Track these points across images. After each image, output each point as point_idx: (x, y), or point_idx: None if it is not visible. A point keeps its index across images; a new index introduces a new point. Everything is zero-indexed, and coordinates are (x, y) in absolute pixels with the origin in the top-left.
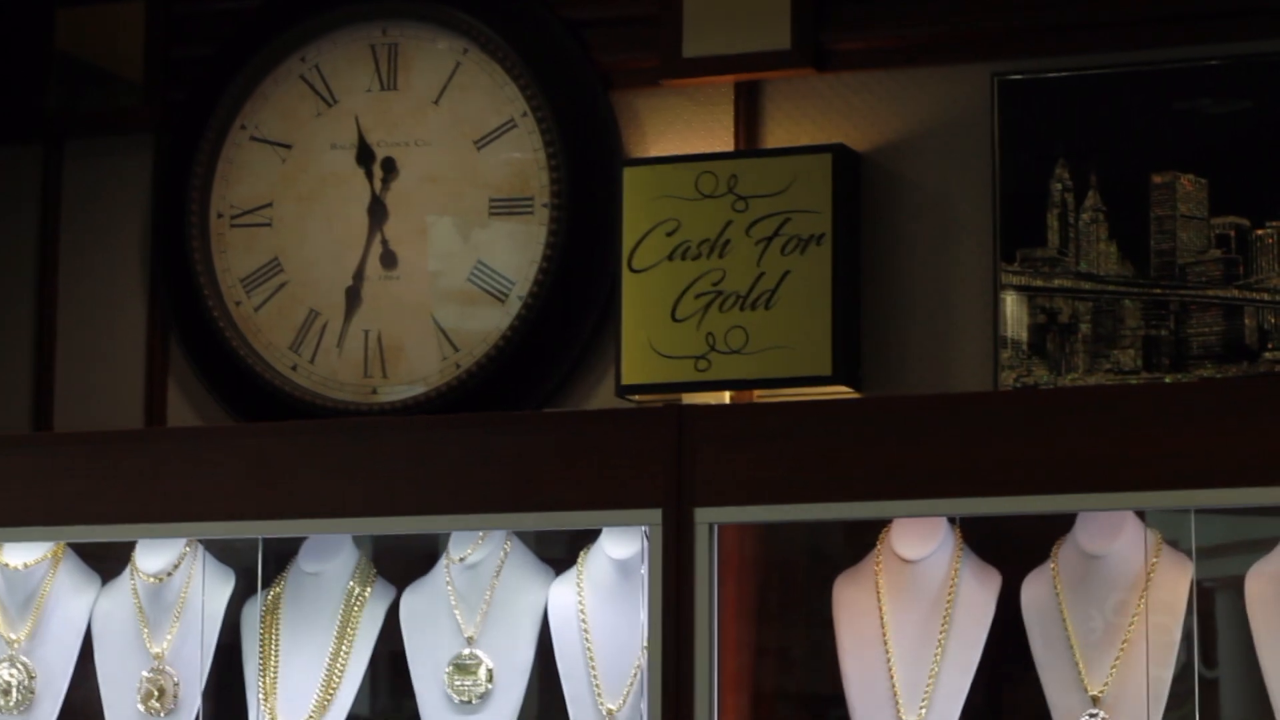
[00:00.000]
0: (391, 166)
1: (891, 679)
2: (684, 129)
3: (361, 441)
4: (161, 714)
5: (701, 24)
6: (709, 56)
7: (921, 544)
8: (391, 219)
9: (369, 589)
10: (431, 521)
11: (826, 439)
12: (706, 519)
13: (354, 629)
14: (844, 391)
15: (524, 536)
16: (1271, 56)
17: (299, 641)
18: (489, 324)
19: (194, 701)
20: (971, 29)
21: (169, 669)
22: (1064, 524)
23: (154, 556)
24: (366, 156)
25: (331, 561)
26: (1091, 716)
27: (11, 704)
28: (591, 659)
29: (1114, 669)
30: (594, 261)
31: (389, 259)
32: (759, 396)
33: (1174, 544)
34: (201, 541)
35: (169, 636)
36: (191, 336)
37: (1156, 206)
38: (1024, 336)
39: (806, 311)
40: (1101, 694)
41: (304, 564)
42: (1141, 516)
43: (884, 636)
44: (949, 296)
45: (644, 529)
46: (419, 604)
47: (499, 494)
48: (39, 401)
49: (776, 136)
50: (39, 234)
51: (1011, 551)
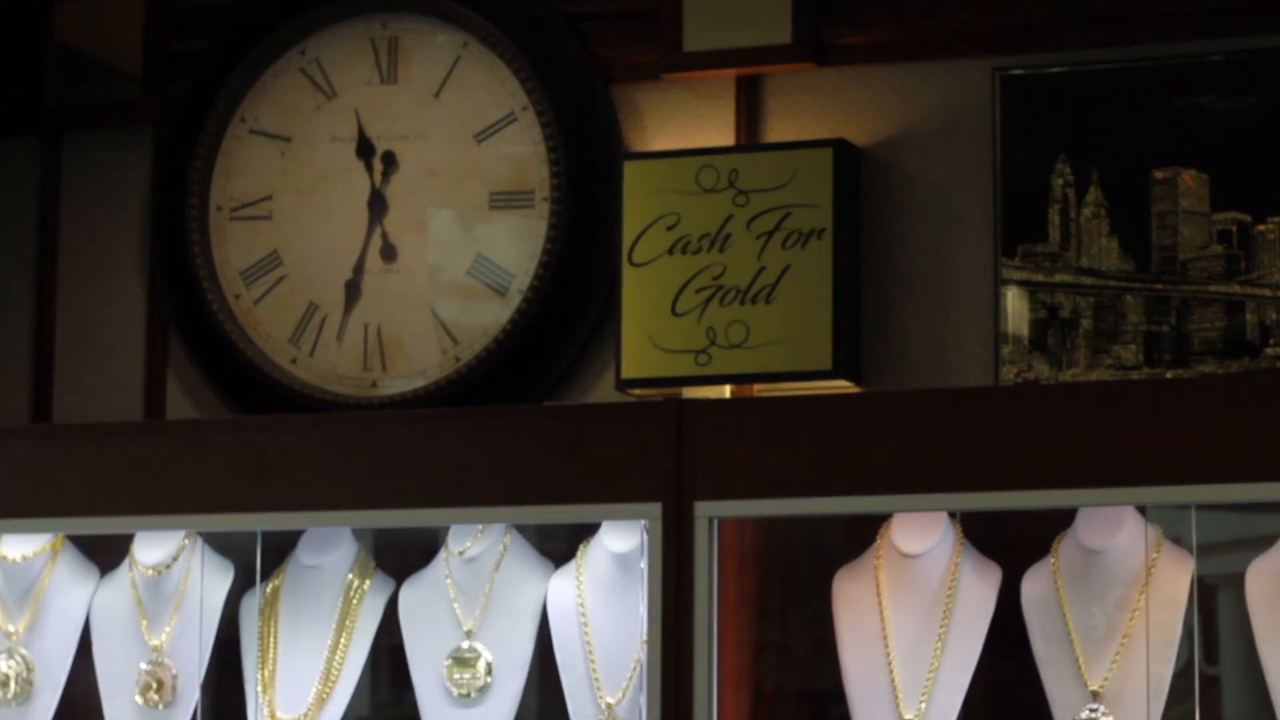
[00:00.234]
0: (391, 160)
1: (891, 674)
2: (684, 123)
3: (361, 435)
4: (160, 706)
5: (702, 18)
6: (710, 50)
7: (922, 539)
8: (391, 212)
9: (368, 582)
10: (431, 515)
11: (827, 433)
12: (706, 513)
13: (353, 622)
14: (844, 386)
15: (524, 530)
16: (1273, 52)
17: (298, 634)
18: (489, 318)
19: (192, 694)
20: (973, 24)
21: (167, 661)
22: (1064, 519)
23: (153, 549)
24: (366, 150)
25: (330, 554)
26: (1092, 712)
27: (10, 696)
28: (591, 653)
29: (1114, 664)
30: (594, 255)
31: (389, 252)
32: (759, 391)
33: (1175, 540)
34: (200, 534)
35: (168, 629)
36: (191, 329)
37: (1158, 202)
38: (1025, 331)
39: (807, 306)
40: (1102, 689)
41: (303, 557)
42: (1142, 512)
43: (884, 631)
44: (950, 291)
45: (644, 523)
46: (418, 597)
47: (498, 487)
48: (38, 393)
49: (777, 131)
50: (38, 227)
51: (1012, 546)
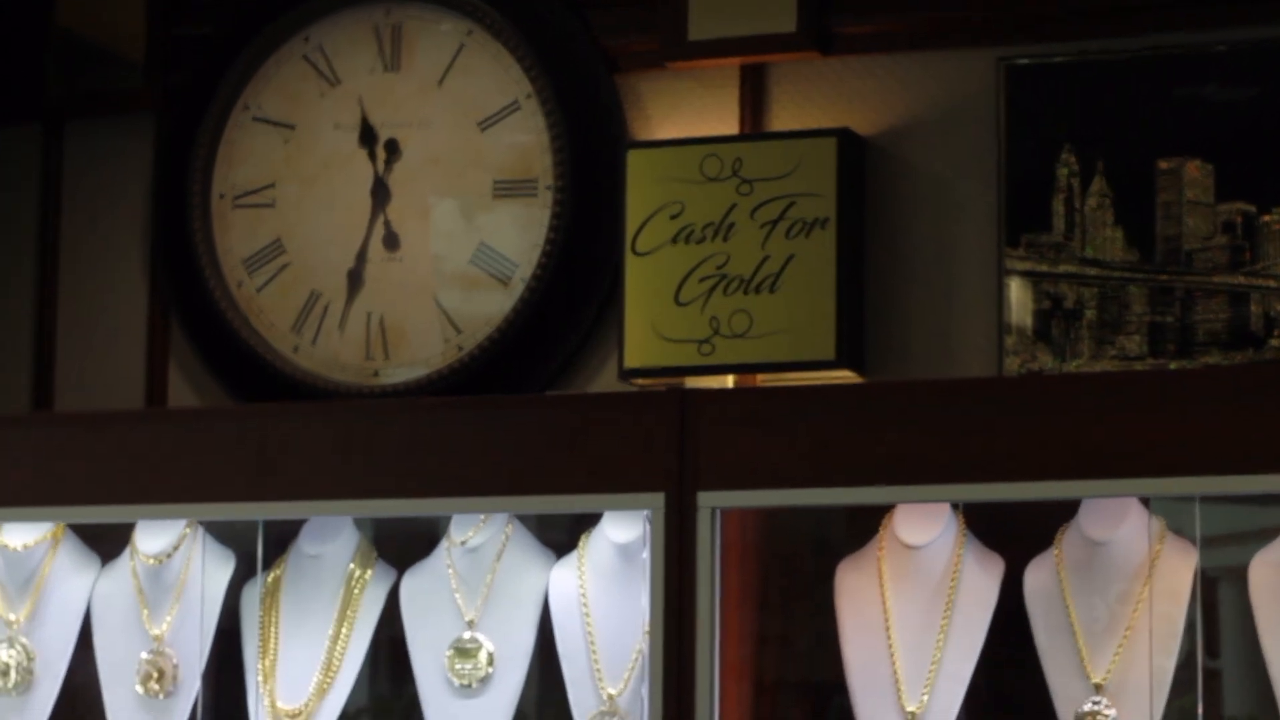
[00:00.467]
0: (394, 148)
1: (894, 665)
2: (688, 112)
3: (363, 424)
4: (160, 695)
5: (707, 6)
6: (714, 39)
7: (924, 530)
8: (394, 200)
9: (369, 571)
10: (433, 504)
11: (830, 424)
12: (709, 503)
13: (354, 612)
14: (848, 376)
15: (525, 520)
16: (1277, 43)
17: (299, 624)
18: (492, 307)
19: (193, 683)
20: (977, 14)
21: (168, 650)
22: (1068, 510)
23: (154, 538)
24: (369, 138)
25: (332, 544)
26: (1094, 704)
27: (10, 685)
28: (592, 643)
29: (1117, 656)
30: (597, 244)
31: (391, 241)
32: (762, 381)
33: (1178, 531)
34: (202, 523)
35: (168, 618)
36: (193, 317)
37: (1163, 192)
38: (1029, 322)
39: (811, 295)
40: (1104, 681)
41: (304, 546)
42: (1146, 504)
43: (886, 623)
44: (954, 281)
45: (646, 513)
46: (420, 587)
47: (501, 477)
48: (39, 382)
49: (781, 120)
50: (39, 215)
51: (1015, 538)
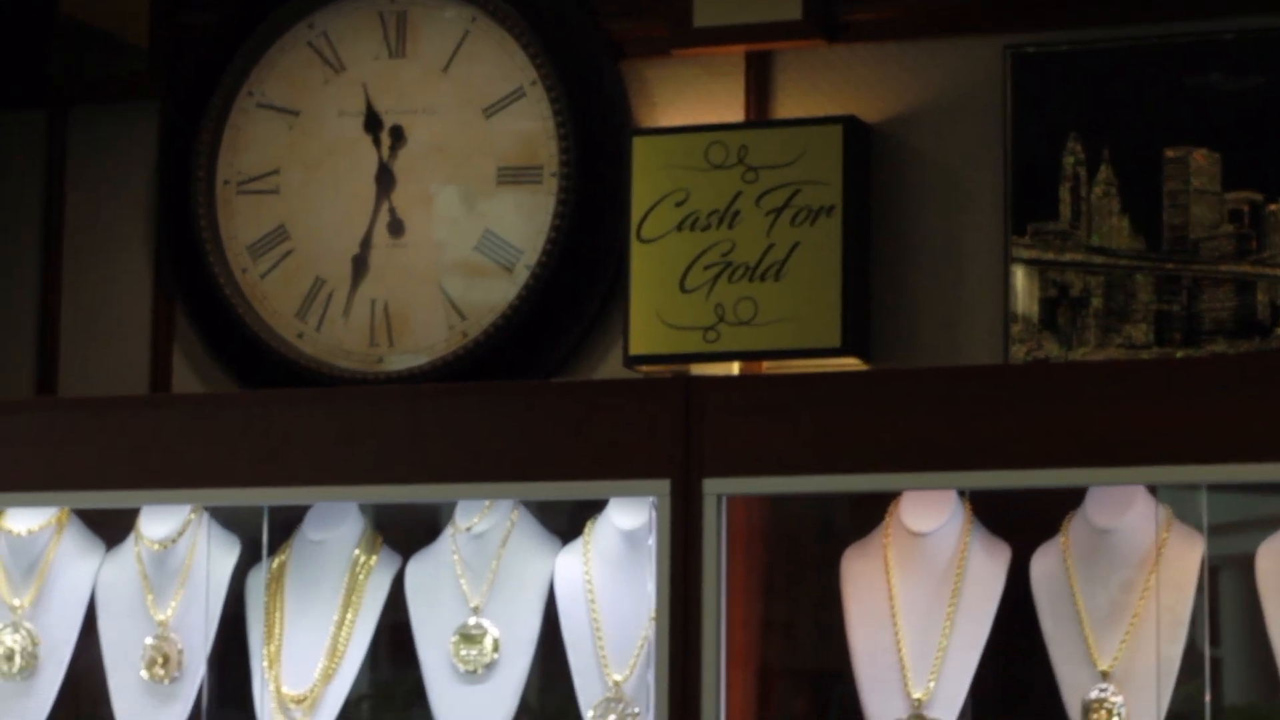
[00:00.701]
0: (399, 134)
1: (900, 652)
2: (694, 99)
3: (367, 410)
4: (165, 681)
5: None
6: (720, 26)
7: (931, 517)
8: (399, 187)
9: (374, 557)
10: (438, 490)
11: (835, 411)
12: (715, 490)
13: (359, 597)
14: (853, 364)
15: (531, 506)
16: None
17: (304, 609)
18: (496, 293)
19: (198, 669)
20: (983, 1)
21: (173, 636)
22: (1074, 498)
23: (158, 523)
24: (374, 124)
25: (337, 529)
26: (1101, 691)
27: (15, 670)
28: (598, 629)
29: (1123, 644)
30: (602, 231)
31: (396, 227)
32: (768, 368)
33: (1185, 520)
34: (206, 509)
35: (173, 604)
36: (197, 303)
37: (1169, 180)
38: (1035, 310)
39: (816, 283)
40: (1111, 669)
41: (309, 532)
42: (1152, 492)
43: (892, 610)
44: (959, 269)
45: (652, 500)
46: (425, 573)
47: (506, 463)
48: (43, 367)
49: (787, 107)
50: (43, 201)
51: (1021, 525)
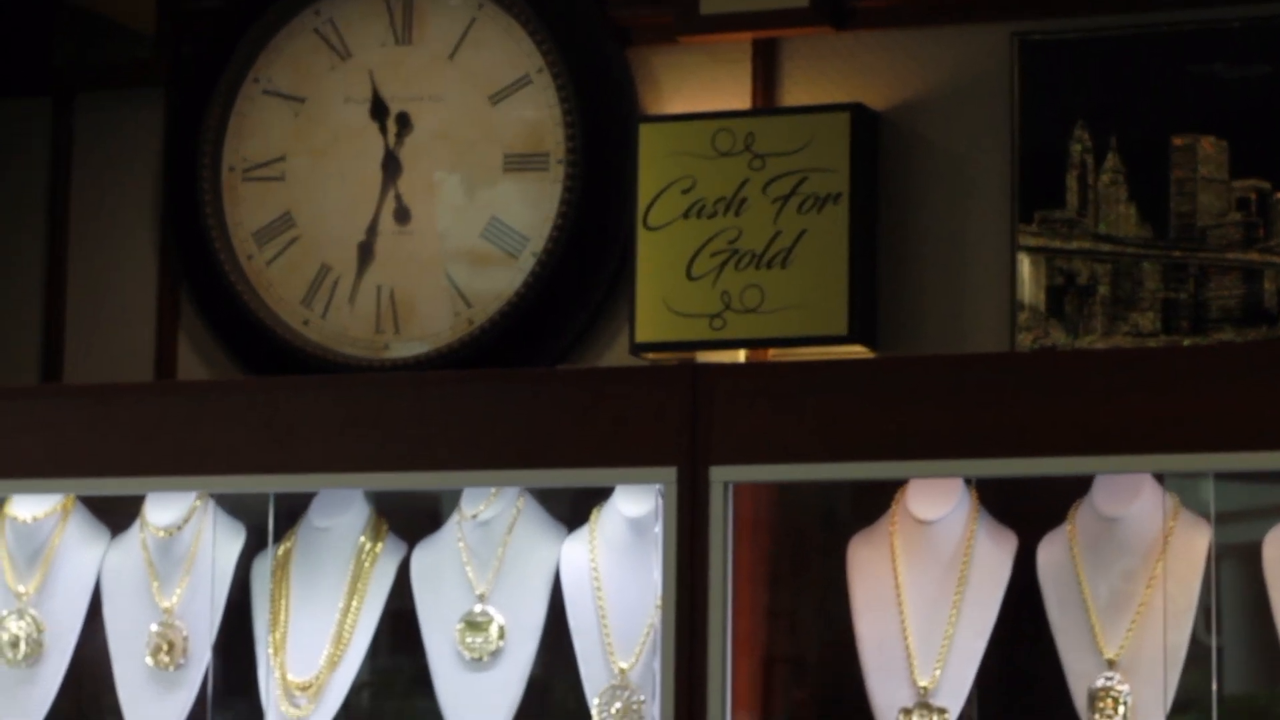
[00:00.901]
0: (405, 121)
1: (906, 640)
2: (701, 86)
3: (373, 397)
4: (170, 668)
5: None
6: (727, 13)
7: (937, 505)
8: (405, 174)
9: (380, 545)
10: (444, 478)
11: (842, 399)
12: (721, 478)
13: (365, 585)
14: (860, 351)
15: (537, 493)
16: None
17: (309, 597)
18: (502, 281)
19: (203, 656)
20: None
21: (178, 623)
22: (1081, 486)
23: (164, 510)
24: (380, 111)
25: (342, 517)
26: (1107, 680)
27: (20, 657)
28: (604, 617)
29: (1130, 632)
30: (609, 219)
31: (402, 214)
32: (774, 355)
33: (1192, 508)
34: (212, 496)
35: (178, 591)
36: (202, 290)
37: (1177, 168)
38: (1041, 298)
39: (823, 271)
40: (1117, 657)
41: (315, 519)
42: (1160, 480)
43: (899, 598)
44: (966, 257)
45: (658, 488)
46: (430, 560)
47: (512, 451)
48: (49, 354)
49: (794, 95)
50: (49, 188)
51: (1028, 513)
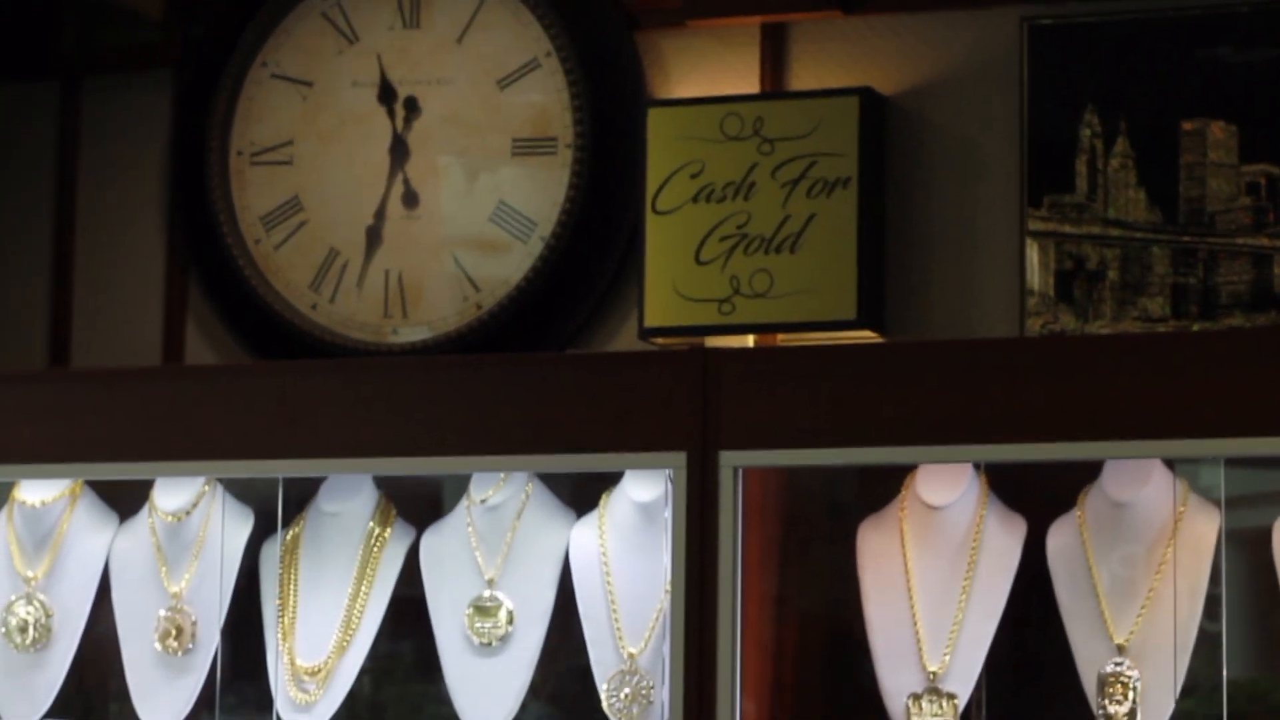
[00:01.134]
0: (413, 106)
1: (915, 625)
2: (709, 70)
3: (381, 382)
4: (179, 653)
5: None
6: None
7: (947, 490)
8: (413, 158)
9: (389, 530)
10: (452, 462)
11: (851, 383)
12: (730, 463)
13: (373, 570)
14: (869, 336)
15: (546, 479)
16: None
17: (318, 582)
18: (510, 265)
19: (212, 641)
20: None
21: (187, 608)
22: (1091, 471)
23: (172, 495)
24: (388, 95)
25: (351, 502)
26: (1117, 665)
27: (28, 641)
28: (613, 602)
29: (1140, 617)
30: (617, 203)
31: (410, 199)
32: (783, 340)
33: (1201, 493)
34: (220, 480)
35: (187, 575)
36: (210, 274)
37: (1186, 153)
38: (1051, 283)
39: (832, 255)
40: (1127, 642)
41: (324, 504)
42: (1169, 465)
43: (908, 583)
44: (975, 242)
45: (668, 472)
46: (439, 545)
47: (521, 436)
48: (56, 338)
49: (803, 79)
50: (57, 172)
51: (1037, 498)
